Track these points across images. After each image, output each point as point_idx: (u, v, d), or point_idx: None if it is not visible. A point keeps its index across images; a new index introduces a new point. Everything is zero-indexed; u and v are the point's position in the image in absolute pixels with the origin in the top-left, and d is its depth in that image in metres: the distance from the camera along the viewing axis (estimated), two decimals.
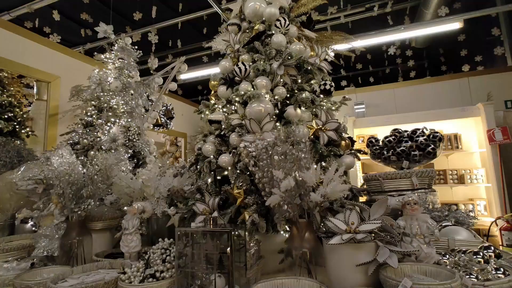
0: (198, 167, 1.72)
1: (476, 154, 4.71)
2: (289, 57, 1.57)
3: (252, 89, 1.53)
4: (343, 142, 1.65)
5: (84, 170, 1.79)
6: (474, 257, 1.09)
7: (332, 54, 2.18)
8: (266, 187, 1.23)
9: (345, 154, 1.62)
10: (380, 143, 1.72)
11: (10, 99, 3.10)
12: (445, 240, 1.29)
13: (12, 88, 3.22)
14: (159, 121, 4.55)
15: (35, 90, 3.56)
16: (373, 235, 1.19)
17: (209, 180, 1.61)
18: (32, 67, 3.39)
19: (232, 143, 1.50)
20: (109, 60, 2.76)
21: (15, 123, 3.07)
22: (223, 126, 1.58)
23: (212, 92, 1.84)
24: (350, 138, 1.75)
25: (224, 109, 1.65)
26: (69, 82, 3.29)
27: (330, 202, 1.33)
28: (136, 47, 2.93)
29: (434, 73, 6.79)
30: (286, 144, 1.23)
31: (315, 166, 1.29)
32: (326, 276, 1.25)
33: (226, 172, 1.56)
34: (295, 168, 1.26)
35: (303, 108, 1.57)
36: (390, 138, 1.64)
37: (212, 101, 1.77)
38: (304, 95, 1.50)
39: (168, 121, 4.79)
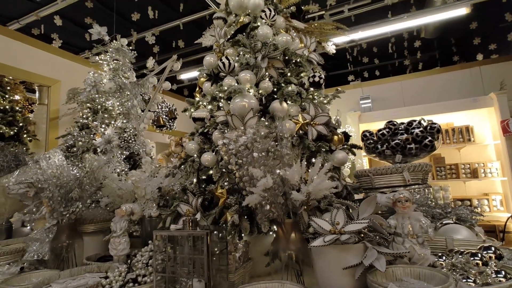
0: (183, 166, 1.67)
1: (490, 147, 4.49)
2: (274, 49, 1.49)
3: (236, 84, 1.47)
4: (335, 137, 1.56)
5: (79, 173, 1.77)
6: (472, 258, 0.99)
7: (333, 47, 2.08)
8: (247, 186, 1.16)
9: (337, 149, 1.53)
10: (374, 136, 1.62)
11: (11, 104, 3.15)
12: (443, 239, 1.19)
13: (14, 93, 3.28)
14: (162, 122, 4.53)
15: (37, 94, 3.60)
16: (361, 235, 1.11)
17: (194, 180, 1.55)
18: (33, 72, 3.42)
19: (215, 140, 1.44)
20: (104, 62, 2.75)
21: (17, 128, 3.12)
22: (206, 124, 1.52)
23: (197, 89, 1.78)
24: (345, 133, 1.66)
25: (210, 106, 1.59)
26: (70, 86, 3.30)
27: (318, 200, 1.25)
28: (131, 48, 2.91)
29: (446, 64, 6.51)
30: (267, 140, 1.15)
31: (302, 162, 1.22)
32: (315, 279, 1.18)
33: (211, 172, 1.50)
34: (279, 166, 1.19)
35: (289, 102, 1.49)
36: (384, 131, 1.53)
37: (197, 98, 1.71)
38: (290, 88, 1.42)
39: (171, 121, 4.77)
